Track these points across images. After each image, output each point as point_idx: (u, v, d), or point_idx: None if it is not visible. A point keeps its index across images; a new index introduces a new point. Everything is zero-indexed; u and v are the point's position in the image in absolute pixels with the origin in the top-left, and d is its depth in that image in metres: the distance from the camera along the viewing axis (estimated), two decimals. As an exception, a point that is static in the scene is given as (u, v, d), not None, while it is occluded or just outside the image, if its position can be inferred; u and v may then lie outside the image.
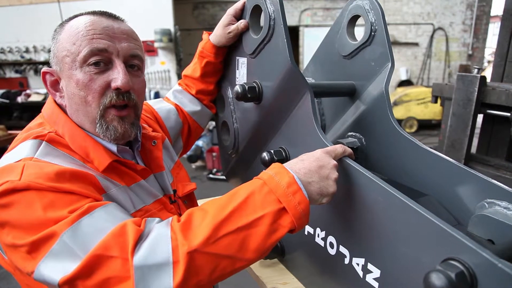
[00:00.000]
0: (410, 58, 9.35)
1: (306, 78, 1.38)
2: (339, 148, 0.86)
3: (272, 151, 1.05)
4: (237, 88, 1.06)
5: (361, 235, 0.84)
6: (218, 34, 1.20)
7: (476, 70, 1.90)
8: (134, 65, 0.90)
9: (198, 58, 1.27)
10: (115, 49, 0.84)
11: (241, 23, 1.13)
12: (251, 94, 1.07)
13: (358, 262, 0.85)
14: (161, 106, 1.28)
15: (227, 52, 1.26)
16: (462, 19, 9.00)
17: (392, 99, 8.55)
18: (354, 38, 1.20)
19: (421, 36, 9.19)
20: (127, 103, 0.87)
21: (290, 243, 1.19)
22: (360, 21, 1.19)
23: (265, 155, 1.04)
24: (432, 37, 9.11)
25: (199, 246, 0.66)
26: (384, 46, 1.09)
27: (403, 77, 9.31)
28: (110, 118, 0.86)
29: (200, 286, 0.68)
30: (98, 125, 0.85)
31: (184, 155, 6.18)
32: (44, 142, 0.81)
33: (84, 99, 0.83)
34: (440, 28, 9.05)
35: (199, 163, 6.43)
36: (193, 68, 1.30)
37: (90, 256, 0.64)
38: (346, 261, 0.89)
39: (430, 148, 1.00)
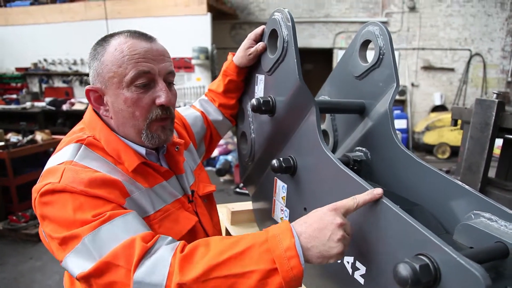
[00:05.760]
0: (445, 83, 9.19)
1: (321, 96, 1.50)
2: (350, 201, 0.81)
3: (281, 158, 1.16)
4: (253, 101, 1.19)
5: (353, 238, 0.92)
6: (240, 56, 1.34)
7: (495, 95, 1.94)
8: (170, 82, 1.05)
9: (222, 76, 1.43)
10: (156, 70, 0.98)
11: (260, 45, 1.27)
12: (265, 106, 1.19)
13: (348, 261, 0.93)
14: (189, 113, 1.43)
15: (248, 71, 1.41)
16: (501, 45, 8.79)
17: (424, 124, 8.39)
18: (365, 61, 1.30)
19: (457, 62, 9.03)
20: (168, 116, 1.03)
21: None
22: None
23: (274, 162, 1.15)
24: (469, 63, 8.94)
25: (189, 281, 0.74)
26: (390, 68, 1.18)
27: (437, 102, 9.12)
28: (155, 129, 1.01)
29: None
30: (144, 135, 1.01)
31: (213, 169, 6.35)
32: (83, 146, 0.97)
33: (132, 114, 0.98)
34: (477, 54, 8.88)
35: (227, 177, 6.58)
36: (218, 84, 1.46)
37: (102, 261, 0.78)
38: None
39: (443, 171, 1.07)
